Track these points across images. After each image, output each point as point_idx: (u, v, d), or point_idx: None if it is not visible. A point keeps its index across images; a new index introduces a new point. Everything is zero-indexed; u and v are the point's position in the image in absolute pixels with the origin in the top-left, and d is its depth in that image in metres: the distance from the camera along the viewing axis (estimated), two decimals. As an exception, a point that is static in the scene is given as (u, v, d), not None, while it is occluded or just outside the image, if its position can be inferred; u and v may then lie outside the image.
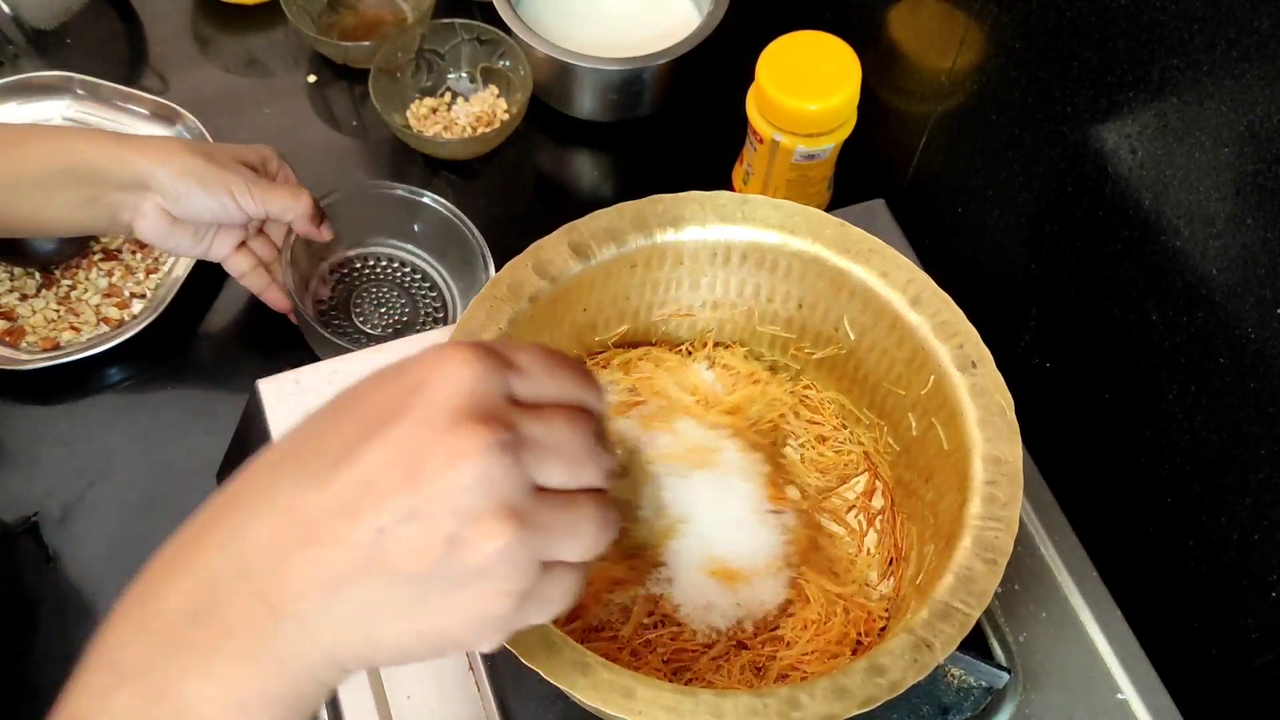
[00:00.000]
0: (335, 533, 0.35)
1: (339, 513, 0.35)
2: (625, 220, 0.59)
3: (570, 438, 0.38)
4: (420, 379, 0.36)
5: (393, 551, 0.35)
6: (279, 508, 0.36)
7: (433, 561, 0.35)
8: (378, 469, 0.35)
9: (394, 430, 0.35)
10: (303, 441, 0.38)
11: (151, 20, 1.01)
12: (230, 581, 0.36)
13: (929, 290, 0.58)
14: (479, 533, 0.35)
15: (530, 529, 0.36)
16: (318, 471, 0.36)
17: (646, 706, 0.45)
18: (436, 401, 0.35)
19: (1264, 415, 0.55)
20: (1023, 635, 0.62)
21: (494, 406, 0.36)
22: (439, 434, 0.35)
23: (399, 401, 0.36)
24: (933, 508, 0.58)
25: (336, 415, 0.37)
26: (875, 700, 0.46)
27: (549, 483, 0.37)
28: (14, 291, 0.86)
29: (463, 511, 0.35)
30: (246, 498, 0.37)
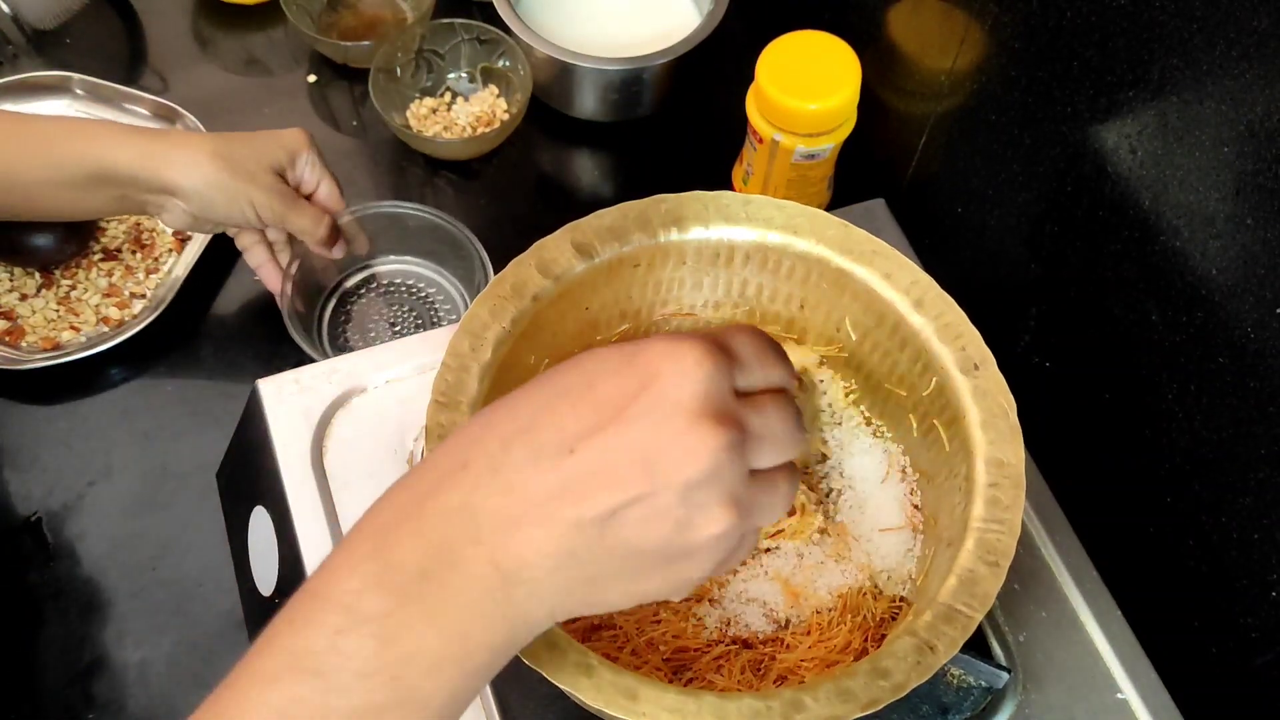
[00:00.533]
0: (566, 514, 0.38)
1: (572, 495, 0.38)
2: (629, 219, 0.59)
3: (782, 425, 0.41)
4: (655, 371, 0.38)
5: (622, 530, 0.38)
6: (512, 483, 0.38)
7: (660, 540, 0.38)
8: (614, 458, 0.38)
9: (632, 423, 0.38)
10: (533, 417, 0.39)
11: (151, 20, 1.01)
12: (463, 547, 0.38)
13: (932, 292, 0.58)
14: (705, 519, 0.38)
15: (745, 513, 0.40)
16: (551, 453, 0.38)
17: (650, 708, 0.45)
18: (672, 398, 0.38)
19: (1264, 415, 0.55)
20: (1023, 635, 0.62)
21: (725, 405, 0.39)
22: (677, 432, 0.38)
23: (634, 392, 0.38)
24: (935, 510, 0.58)
25: (568, 396, 0.39)
26: (879, 703, 0.46)
27: (760, 465, 0.40)
28: (14, 291, 0.86)
29: (692, 501, 0.38)
30: (478, 468, 0.39)
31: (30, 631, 0.75)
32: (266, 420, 0.65)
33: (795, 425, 0.42)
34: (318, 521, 0.62)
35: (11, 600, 0.76)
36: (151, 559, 0.78)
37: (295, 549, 0.62)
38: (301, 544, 0.62)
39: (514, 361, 0.58)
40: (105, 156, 0.73)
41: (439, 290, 0.88)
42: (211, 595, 0.76)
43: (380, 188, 0.94)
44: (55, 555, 0.77)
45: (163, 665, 0.74)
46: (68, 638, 0.75)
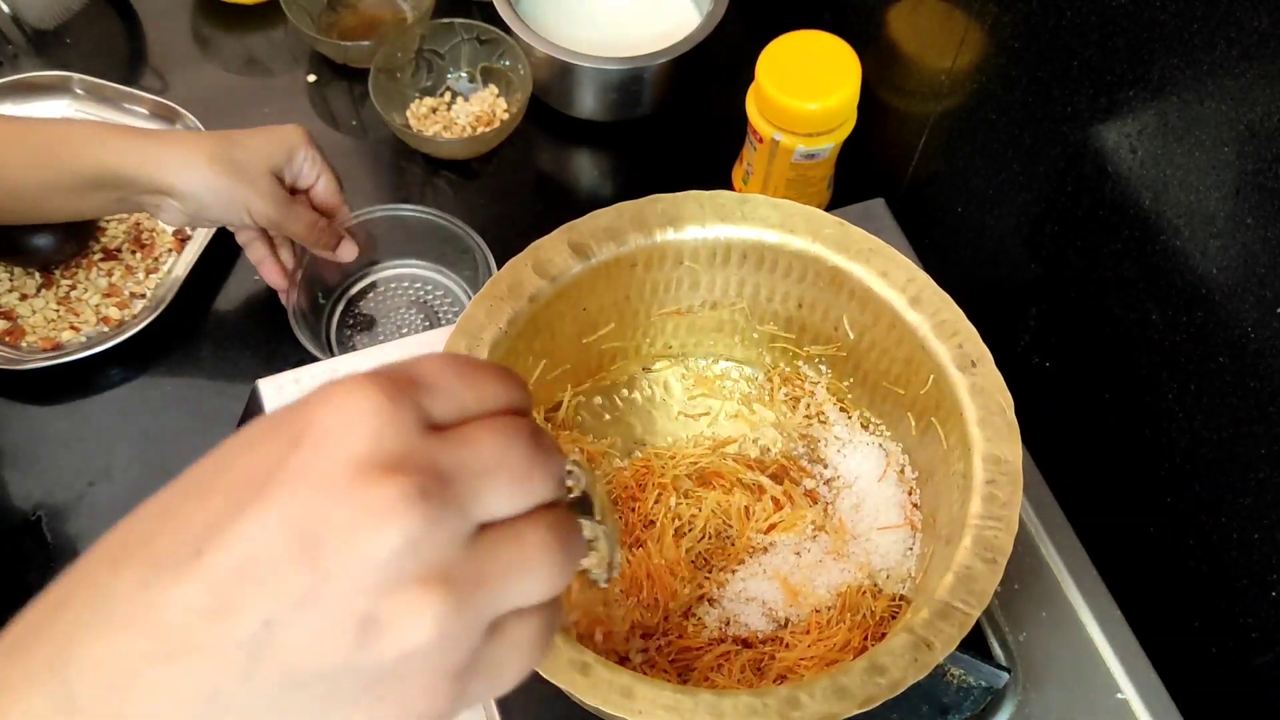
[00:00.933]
0: (205, 638, 0.27)
1: (208, 610, 0.27)
2: (625, 220, 0.59)
3: (508, 450, 0.30)
4: (304, 426, 0.28)
5: (286, 647, 0.27)
6: (121, 616, 0.28)
7: (342, 655, 0.27)
8: (258, 547, 0.27)
9: (277, 495, 0.27)
10: (154, 524, 0.29)
11: (151, 20, 1.01)
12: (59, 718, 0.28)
13: (928, 290, 0.58)
14: (399, 610, 0.27)
15: (466, 589, 0.28)
16: (175, 561, 0.27)
17: (646, 706, 0.45)
18: (329, 451, 0.28)
19: (1264, 415, 0.55)
20: (1022, 635, 0.62)
21: (404, 445, 0.28)
22: (339, 495, 0.27)
23: (279, 458, 0.28)
24: (932, 507, 0.58)
25: (196, 488, 0.29)
26: (875, 700, 0.46)
27: (495, 514, 0.29)
28: (14, 291, 0.86)
29: (374, 587, 0.27)
30: (75, 606, 0.28)
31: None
32: (266, 420, 0.65)
33: (529, 447, 0.30)
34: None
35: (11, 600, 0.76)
36: (151, 559, 0.78)
37: (294, 549, 0.62)
38: (300, 544, 0.61)
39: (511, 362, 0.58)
40: (105, 161, 0.73)
41: (445, 292, 0.88)
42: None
43: (380, 187, 0.94)
44: (55, 555, 0.77)
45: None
46: (67, 637, 0.75)
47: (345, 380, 0.29)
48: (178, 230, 0.89)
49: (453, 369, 0.30)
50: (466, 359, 0.32)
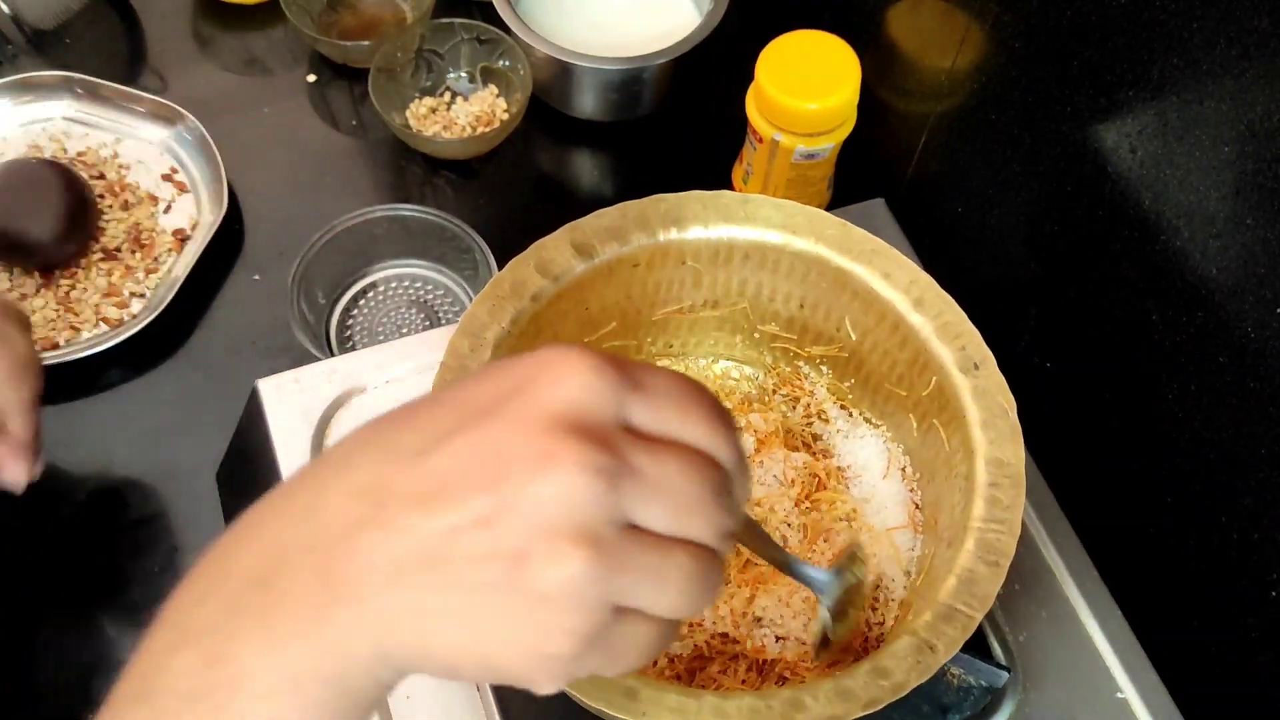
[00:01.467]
0: (407, 521, 0.33)
1: (416, 501, 0.33)
2: (628, 219, 0.59)
3: (684, 482, 0.33)
4: (527, 376, 0.33)
5: (459, 554, 0.32)
6: (357, 486, 0.34)
7: (496, 575, 0.32)
8: (462, 462, 0.33)
9: (486, 425, 0.33)
10: (395, 423, 0.35)
11: (151, 19, 1.01)
12: (297, 554, 0.34)
13: (931, 292, 0.58)
14: (548, 553, 0.31)
15: (607, 563, 0.32)
16: (402, 455, 0.34)
17: (650, 708, 0.45)
18: (537, 401, 0.32)
19: (1264, 415, 0.55)
20: (1023, 635, 0.62)
21: (598, 423, 0.32)
22: (530, 436, 0.32)
23: (500, 396, 0.33)
24: (934, 509, 0.58)
25: (435, 402, 0.35)
26: (878, 703, 0.46)
27: (648, 524, 0.33)
28: (13, 291, 0.86)
29: (536, 527, 0.31)
30: (329, 471, 0.35)
31: (30, 631, 0.75)
32: (266, 420, 0.65)
33: (705, 491, 0.33)
34: (318, 521, 0.62)
35: (11, 600, 0.76)
36: (151, 559, 0.78)
37: (295, 549, 0.62)
38: (301, 544, 0.61)
39: (513, 361, 0.58)
40: None
41: (445, 291, 0.88)
42: (211, 595, 0.76)
43: (380, 187, 0.94)
44: (54, 556, 0.77)
45: (163, 665, 0.74)
46: (67, 637, 0.75)
47: (576, 349, 0.33)
48: (178, 230, 0.89)
49: (673, 389, 0.35)
50: (694, 387, 0.35)
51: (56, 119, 0.93)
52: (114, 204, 0.90)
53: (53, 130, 0.93)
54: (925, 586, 0.54)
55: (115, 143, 0.93)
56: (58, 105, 0.94)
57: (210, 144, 0.90)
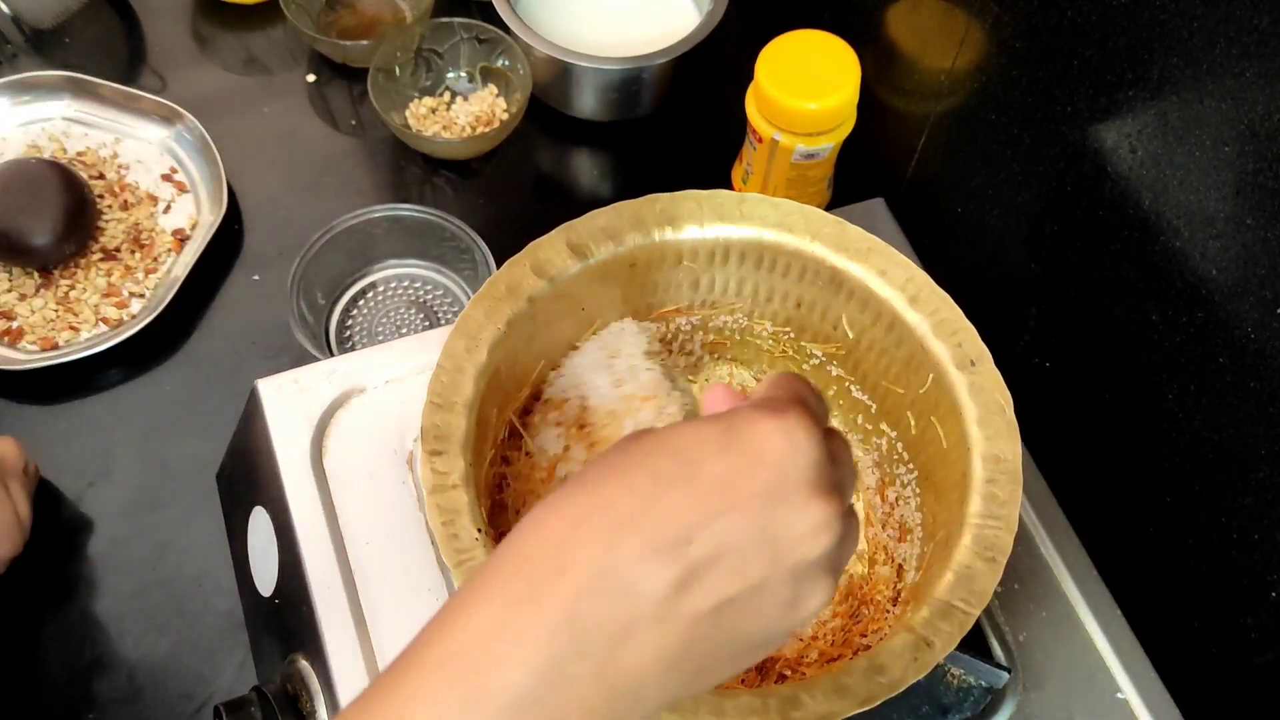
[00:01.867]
0: (683, 610, 0.35)
1: (691, 589, 0.35)
2: (623, 219, 0.59)
3: (850, 464, 0.40)
4: (762, 449, 0.36)
5: (737, 618, 0.36)
6: (623, 587, 0.34)
7: (769, 622, 0.36)
8: (735, 543, 0.35)
9: (750, 506, 0.35)
10: (636, 505, 0.35)
11: (150, 19, 1.01)
12: (569, 663, 0.34)
13: (927, 289, 0.58)
14: (812, 592, 0.37)
15: (839, 572, 0.38)
16: (666, 546, 0.35)
17: (646, 706, 0.45)
18: (791, 476, 0.36)
19: (1264, 415, 0.55)
20: (1022, 634, 0.62)
21: (832, 474, 0.37)
22: (799, 512, 0.36)
23: (747, 472, 0.36)
24: (932, 506, 0.58)
25: (670, 479, 0.36)
26: (875, 699, 0.46)
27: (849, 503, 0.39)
28: (13, 291, 0.86)
29: (803, 577, 0.36)
30: (581, 572, 0.35)
31: (30, 631, 0.75)
32: (266, 420, 0.65)
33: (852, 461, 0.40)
34: (317, 522, 0.62)
35: (11, 600, 0.76)
36: (151, 559, 0.78)
37: (295, 549, 0.62)
38: (301, 544, 0.62)
39: (510, 362, 0.58)
40: None
41: (444, 291, 0.88)
42: (211, 595, 0.76)
43: (379, 187, 0.94)
44: (55, 555, 0.77)
45: (162, 665, 0.74)
46: (67, 637, 0.75)
47: (786, 411, 0.37)
48: (177, 230, 0.89)
49: (815, 395, 0.39)
50: (809, 384, 0.40)
51: (56, 119, 0.93)
52: (113, 204, 0.90)
53: (52, 130, 0.93)
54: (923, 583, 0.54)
55: (115, 142, 0.93)
56: (57, 105, 0.94)
57: (210, 144, 0.90)
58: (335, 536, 0.62)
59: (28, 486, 0.72)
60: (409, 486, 0.63)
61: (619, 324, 0.63)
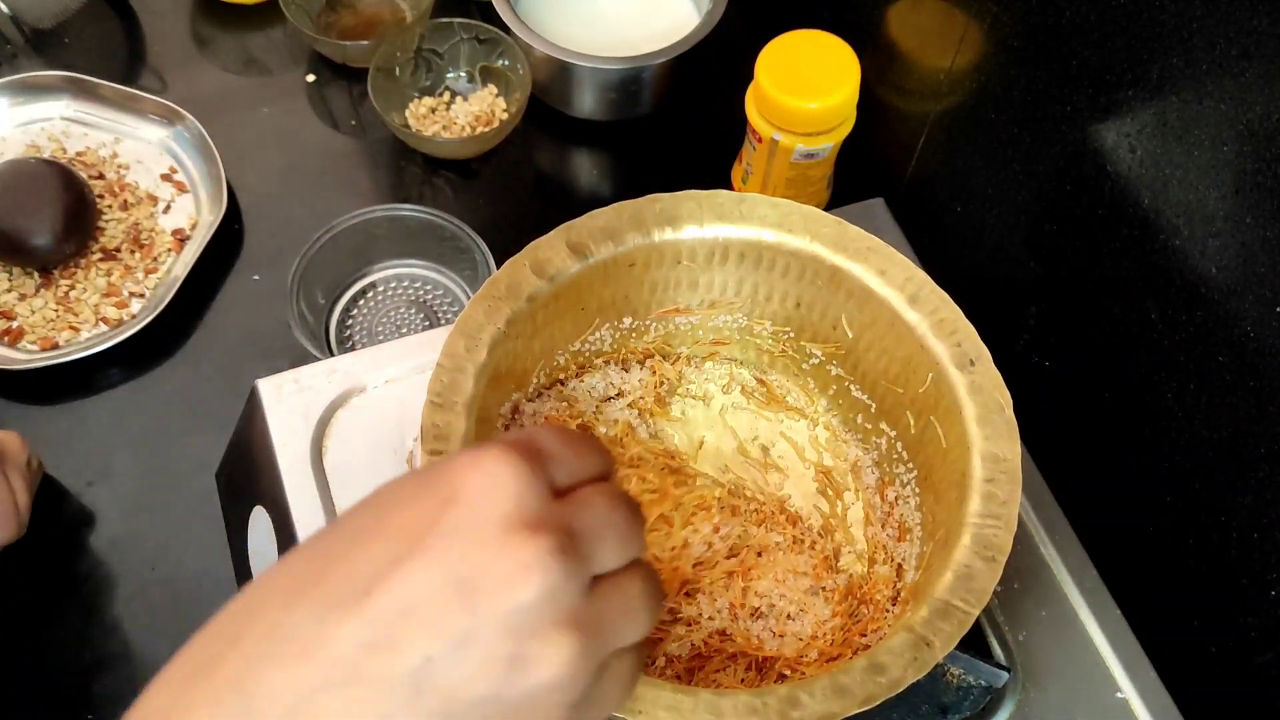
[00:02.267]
0: (373, 669, 0.31)
1: (376, 645, 0.31)
2: (623, 219, 0.59)
3: (613, 513, 0.35)
4: (455, 487, 0.33)
5: (444, 681, 0.31)
6: (298, 648, 0.31)
7: (491, 687, 0.32)
8: (421, 592, 0.31)
9: (436, 547, 0.32)
10: (320, 565, 0.33)
11: (150, 19, 1.01)
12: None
13: (927, 288, 0.58)
14: (542, 650, 0.32)
15: (590, 632, 0.33)
16: (345, 600, 0.32)
17: (647, 706, 0.45)
18: (481, 512, 0.32)
19: (1264, 414, 0.55)
20: (1022, 634, 0.62)
21: (542, 509, 0.33)
22: (492, 552, 0.32)
23: (435, 514, 0.32)
24: (931, 505, 0.58)
25: (358, 534, 0.33)
26: (875, 699, 0.46)
27: (603, 569, 0.34)
28: (13, 291, 0.86)
29: (522, 631, 0.32)
30: (253, 637, 0.32)
31: (30, 632, 0.75)
32: (266, 420, 0.65)
33: (630, 513, 0.35)
34: (317, 522, 0.62)
35: (11, 601, 0.76)
36: (151, 559, 0.78)
37: (294, 549, 0.62)
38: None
39: (510, 362, 0.58)
40: None
41: (444, 291, 0.88)
42: (210, 595, 0.76)
43: (379, 187, 0.94)
44: (55, 555, 0.77)
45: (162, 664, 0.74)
46: (67, 638, 0.75)
47: (488, 449, 0.33)
48: (177, 230, 0.89)
49: (563, 440, 0.36)
50: (568, 430, 0.37)
51: (55, 119, 0.93)
52: (113, 204, 0.90)
53: (52, 130, 0.93)
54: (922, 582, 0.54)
55: (114, 142, 0.93)
56: (57, 105, 0.94)
57: (209, 144, 0.90)
58: (335, 536, 0.62)
59: (28, 479, 0.72)
60: (409, 486, 0.63)
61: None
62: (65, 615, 0.76)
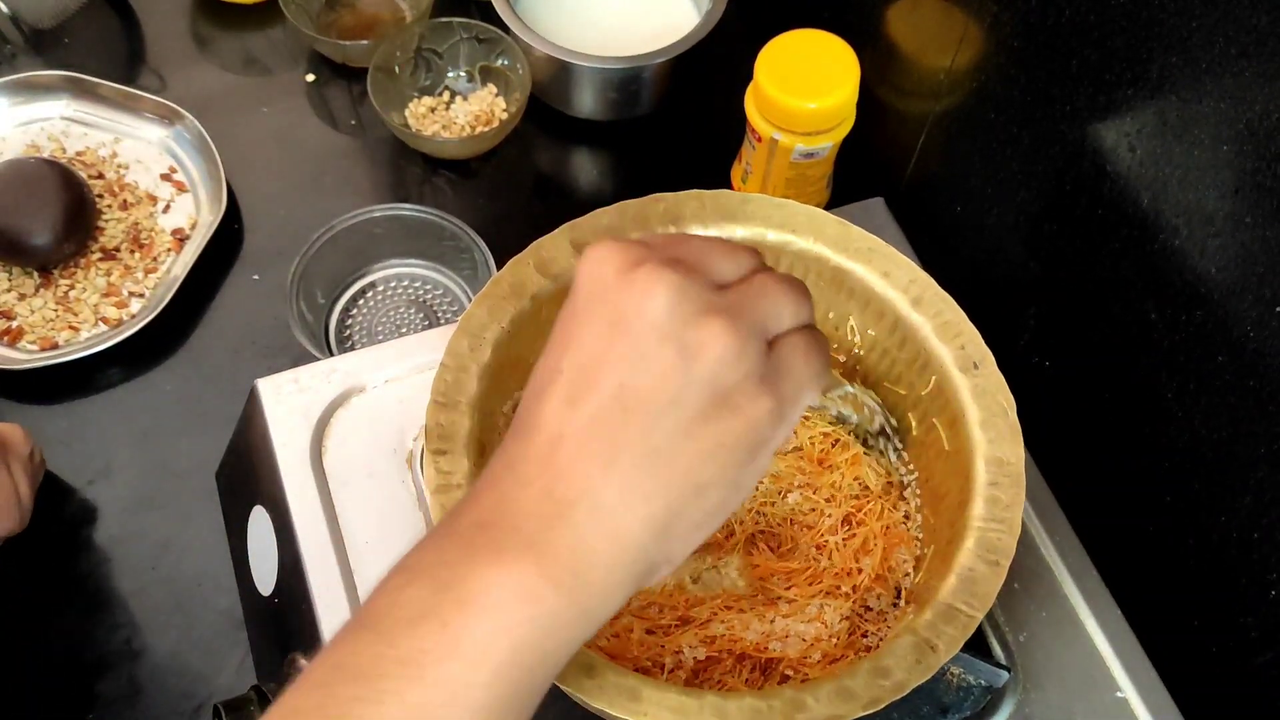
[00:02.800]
0: (580, 414, 0.38)
1: (575, 397, 0.38)
2: (627, 219, 0.59)
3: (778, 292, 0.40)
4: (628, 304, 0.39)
5: (639, 392, 0.38)
6: (538, 423, 0.39)
7: (678, 379, 0.38)
8: (590, 346, 0.39)
9: (594, 311, 0.39)
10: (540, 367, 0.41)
11: (150, 19, 1.01)
12: (515, 491, 0.38)
13: (930, 291, 0.58)
14: (696, 334, 0.38)
15: (734, 313, 0.38)
16: (545, 382, 0.40)
17: (652, 708, 0.45)
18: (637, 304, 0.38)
19: (1263, 414, 0.55)
20: (1022, 634, 0.62)
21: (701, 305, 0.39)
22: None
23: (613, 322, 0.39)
24: (934, 509, 0.58)
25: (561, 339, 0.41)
26: (879, 702, 0.46)
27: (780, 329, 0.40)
28: (12, 291, 0.86)
29: (675, 330, 0.38)
30: (515, 430, 0.40)
31: (30, 631, 0.75)
32: (266, 420, 0.65)
33: (792, 285, 0.41)
34: (317, 521, 0.62)
35: (12, 600, 0.76)
36: (151, 558, 0.78)
37: (294, 548, 0.62)
38: (301, 543, 0.62)
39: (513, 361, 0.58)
40: None
41: (444, 291, 0.88)
42: (211, 595, 0.76)
43: (378, 187, 0.94)
44: (55, 555, 0.77)
45: (162, 664, 0.74)
46: (67, 637, 0.75)
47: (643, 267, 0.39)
48: (176, 230, 0.89)
49: (720, 249, 0.41)
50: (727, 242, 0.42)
51: (55, 118, 0.93)
52: (113, 204, 0.90)
53: (51, 130, 0.93)
54: (925, 585, 0.54)
55: (114, 142, 0.93)
56: (56, 105, 0.94)
57: (209, 143, 0.90)
58: (335, 536, 0.62)
59: (30, 472, 0.72)
60: (409, 486, 0.63)
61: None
62: (66, 614, 0.76)
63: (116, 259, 0.88)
